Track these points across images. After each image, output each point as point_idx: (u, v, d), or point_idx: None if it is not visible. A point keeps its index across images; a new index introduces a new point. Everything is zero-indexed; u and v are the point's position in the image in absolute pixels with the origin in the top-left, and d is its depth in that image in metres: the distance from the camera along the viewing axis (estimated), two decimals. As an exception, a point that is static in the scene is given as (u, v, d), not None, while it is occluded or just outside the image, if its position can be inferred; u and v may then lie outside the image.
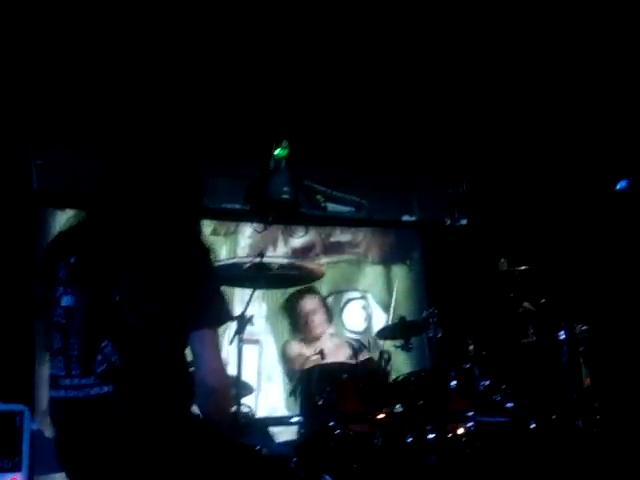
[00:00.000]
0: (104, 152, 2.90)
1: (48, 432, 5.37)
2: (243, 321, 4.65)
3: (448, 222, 7.18)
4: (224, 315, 2.63)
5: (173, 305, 2.47)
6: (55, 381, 2.55)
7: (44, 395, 5.40)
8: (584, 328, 4.91)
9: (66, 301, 2.54)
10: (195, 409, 2.59)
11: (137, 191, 2.63)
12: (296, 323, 6.28)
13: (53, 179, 5.99)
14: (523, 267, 5.12)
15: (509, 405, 4.60)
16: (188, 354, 2.59)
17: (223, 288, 2.66)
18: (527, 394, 4.87)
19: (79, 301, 2.52)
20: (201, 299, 2.51)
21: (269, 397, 6.19)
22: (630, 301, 6.03)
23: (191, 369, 2.60)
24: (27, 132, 5.87)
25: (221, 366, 2.60)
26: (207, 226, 6.33)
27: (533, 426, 4.51)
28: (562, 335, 4.87)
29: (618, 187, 5.17)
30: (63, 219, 6.09)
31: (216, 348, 2.57)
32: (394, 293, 6.35)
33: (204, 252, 2.62)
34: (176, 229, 2.60)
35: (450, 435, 4.31)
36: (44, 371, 5.50)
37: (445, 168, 7.18)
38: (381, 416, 4.49)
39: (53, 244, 2.73)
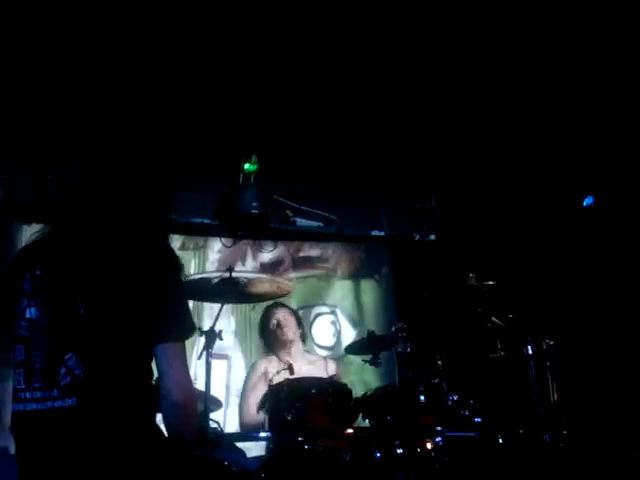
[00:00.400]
0: (72, 167, 2.88)
1: (12, 449, 5.32)
2: (212, 336, 4.62)
3: (417, 237, 7.19)
4: (190, 328, 2.60)
5: (139, 319, 2.45)
6: (16, 394, 2.53)
7: (7, 412, 5.34)
8: (551, 343, 4.94)
9: (30, 314, 2.52)
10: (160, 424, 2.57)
11: (104, 204, 2.62)
12: (268, 335, 6.22)
13: (20, 194, 5.94)
14: (491, 282, 5.14)
15: (477, 420, 4.61)
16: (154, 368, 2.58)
17: (190, 302, 2.65)
18: (495, 409, 4.88)
19: (43, 314, 2.50)
20: (167, 312, 2.50)
21: (237, 412, 6.14)
22: (596, 316, 6.08)
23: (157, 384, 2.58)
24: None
25: (187, 380, 2.56)
26: (176, 240, 6.32)
27: (501, 441, 4.51)
28: (529, 350, 4.89)
29: (585, 203, 5.21)
30: (29, 234, 6.04)
31: (182, 362, 2.54)
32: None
33: (171, 265, 2.60)
34: (143, 242, 2.58)
35: (419, 450, 4.31)
36: (6, 387, 5.44)
37: (414, 184, 7.21)
38: (350, 431, 4.49)
39: (19, 257, 2.71)
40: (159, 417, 2.61)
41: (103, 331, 2.43)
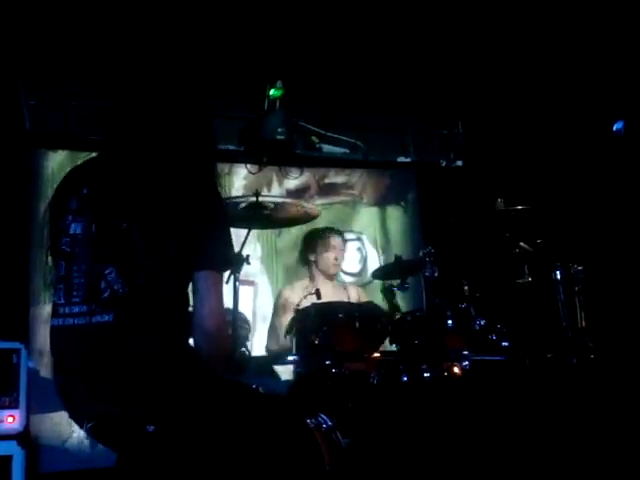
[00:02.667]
0: (97, 92, 2.87)
1: (43, 371, 5.43)
2: (239, 261, 4.62)
3: (443, 164, 7.14)
4: (230, 260, 2.64)
5: (181, 240, 2.47)
6: (55, 309, 2.56)
7: (39, 333, 5.42)
8: (580, 268, 4.91)
9: (74, 229, 2.56)
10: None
11: (151, 128, 2.65)
12: (309, 257, 6.09)
13: (46, 120, 5.94)
14: (519, 207, 5.08)
15: (505, 344, 4.61)
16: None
17: (232, 233, 2.64)
18: (523, 333, 4.88)
19: (86, 229, 2.54)
20: (210, 240, 2.52)
21: (264, 337, 6.19)
22: (624, 241, 6.03)
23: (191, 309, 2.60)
24: (19, 72, 5.79)
25: (222, 311, 2.61)
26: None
27: (528, 364, 4.52)
28: (558, 275, 4.87)
29: (615, 128, 5.13)
30: (55, 160, 6.07)
31: (220, 292, 2.57)
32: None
33: (217, 193, 2.63)
34: (190, 168, 2.62)
35: (446, 374, 4.33)
36: (38, 309, 5.53)
37: (441, 109, 7.13)
38: (377, 355, 4.52)
39: (66, 178, 2.75)
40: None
41: (144, 248, 2.45)
